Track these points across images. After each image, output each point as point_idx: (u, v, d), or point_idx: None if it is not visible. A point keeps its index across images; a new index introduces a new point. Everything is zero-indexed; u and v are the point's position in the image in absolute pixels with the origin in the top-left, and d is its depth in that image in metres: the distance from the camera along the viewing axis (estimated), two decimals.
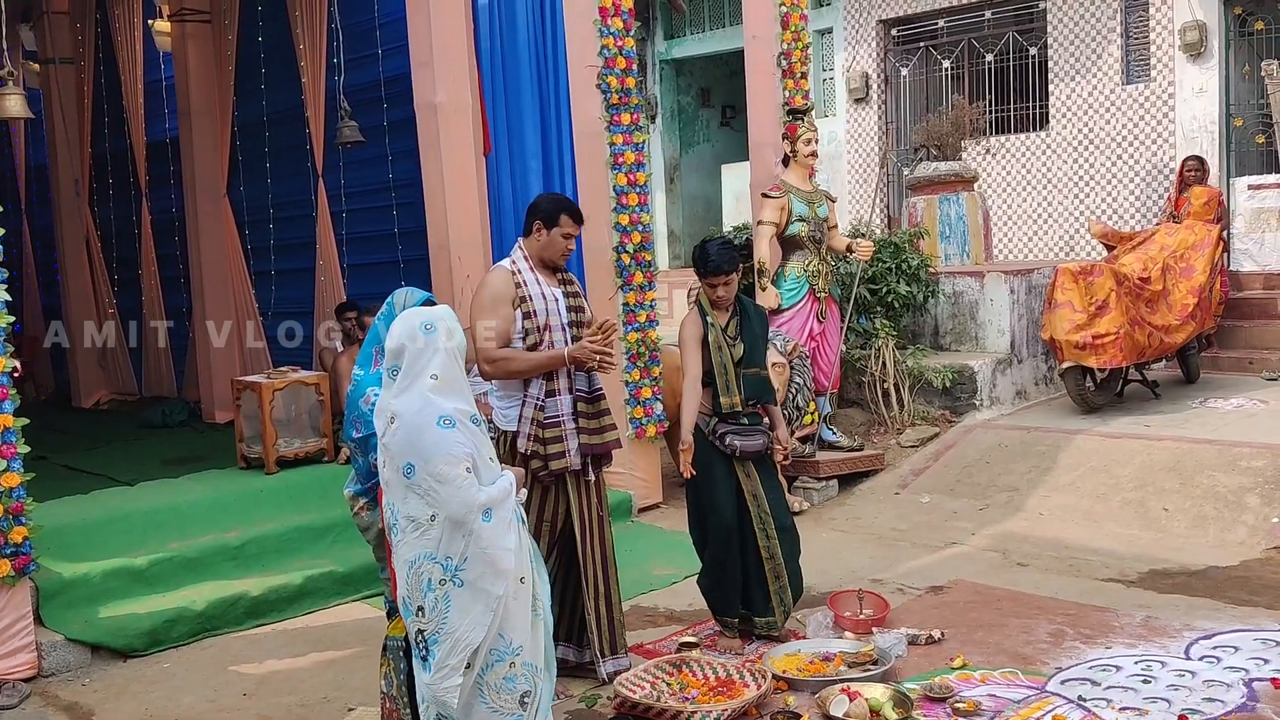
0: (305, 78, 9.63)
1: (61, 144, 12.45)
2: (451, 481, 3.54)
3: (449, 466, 3.54)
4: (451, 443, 3.57)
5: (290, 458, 7.45)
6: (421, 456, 3.55)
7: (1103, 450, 8.02)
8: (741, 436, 5.39)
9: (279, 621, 6.24)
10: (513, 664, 3.64)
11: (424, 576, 3.58)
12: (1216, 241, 9.65)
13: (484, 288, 4.97)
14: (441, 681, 3.57)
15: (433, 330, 3.69)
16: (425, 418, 3.58)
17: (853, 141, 15.00)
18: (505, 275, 4.96)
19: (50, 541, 5.96)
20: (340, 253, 9.74)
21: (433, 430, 3.57)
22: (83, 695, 5.40)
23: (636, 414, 7.91)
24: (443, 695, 3.58)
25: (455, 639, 3.55)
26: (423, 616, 3.60)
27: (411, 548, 3.61)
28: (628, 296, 7.85)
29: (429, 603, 3.57)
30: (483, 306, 4.90)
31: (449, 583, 3.56)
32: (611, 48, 7.75)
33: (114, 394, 12.68)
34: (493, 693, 3.61)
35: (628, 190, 7.82)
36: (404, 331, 3.72)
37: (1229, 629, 5.33)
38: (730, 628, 5.50)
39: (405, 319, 3.77)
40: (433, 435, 3.56)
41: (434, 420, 3.58)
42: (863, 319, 9.31)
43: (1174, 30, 12.14)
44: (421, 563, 3.59)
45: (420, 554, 3.59)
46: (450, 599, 3.55)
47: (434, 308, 3.93)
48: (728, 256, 5.37)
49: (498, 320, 4.86)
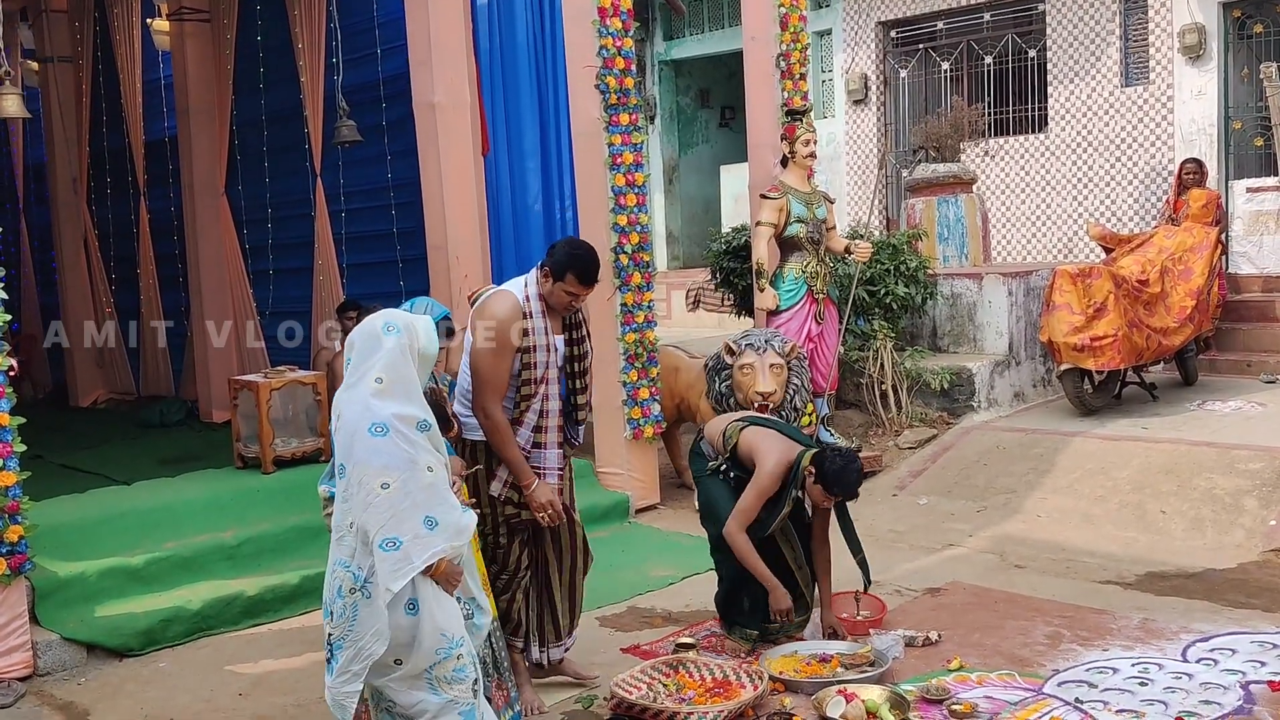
0: (304, 77, 9.63)
1: (60, 142, 12.44)
2: (368, 494, 3.53)
3: (368, 478, 3.54)
4: (375, 452, 3.55)
5: (287, 457, 7.44)
6: (350, 460, 3.58)
7: (1100, 452, 8.02)
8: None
9: (275, 621, 6.23)
10: (459, 656, 3.68)
11: (337, 582, 3.62)
12: (1215, 244, 9.65)
13: (493, 323, 4.57)
14: (342, 686, 3.61)
15: (392, 332, 3.67)
16: (360, 423, 3.58)
17: (851, 143, 15.01)
18: (516, 314, 4.60)
19: (46, 540, 5.94)
20: (338, 252, 9.73)
21: (363, 437, 3.57)
22: (78, 694, 5.39)
23: (634, 415, 7.91)
24: (342, 699, 3.62)
25: (359, 647, 3.57)
26: (332, 621, 3.64)
27: (334, 551, 3.66)
28: (625, 297, 7.84)
29: (338, 609, 3.61)
30: (489, 350, 4.57)
31: (358, 592, 3.58)
32: (610, 48, 7.75)
33: (111, 393, 12.67)
34: (443, 684, 3.66)
35: (626, 191, 7.82)
36: (364, 329, 3.72)
37: (1226, 631, 5.32)
38: (748, 639, 5.39)
39: (373, 318, 3.75)
40: (362, 442, 3.57)
41: (366, 427, 3.57)
42: (861, 320, 9.31)
43: (1173, 33, 12.15)
44: (337, 569, 3.63)
45: (337, 560, 3.63)
46: (358, 608, 3.57)
47: (410, 314, 3.89)
48: (854, 483, 5.14)
49: (500, 369, 4.59)
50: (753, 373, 7.26)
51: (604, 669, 5.16)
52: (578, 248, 4.67)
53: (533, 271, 4.71)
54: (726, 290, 10.41)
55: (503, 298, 4.66)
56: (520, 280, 4.72)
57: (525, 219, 8.93)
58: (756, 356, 7.30)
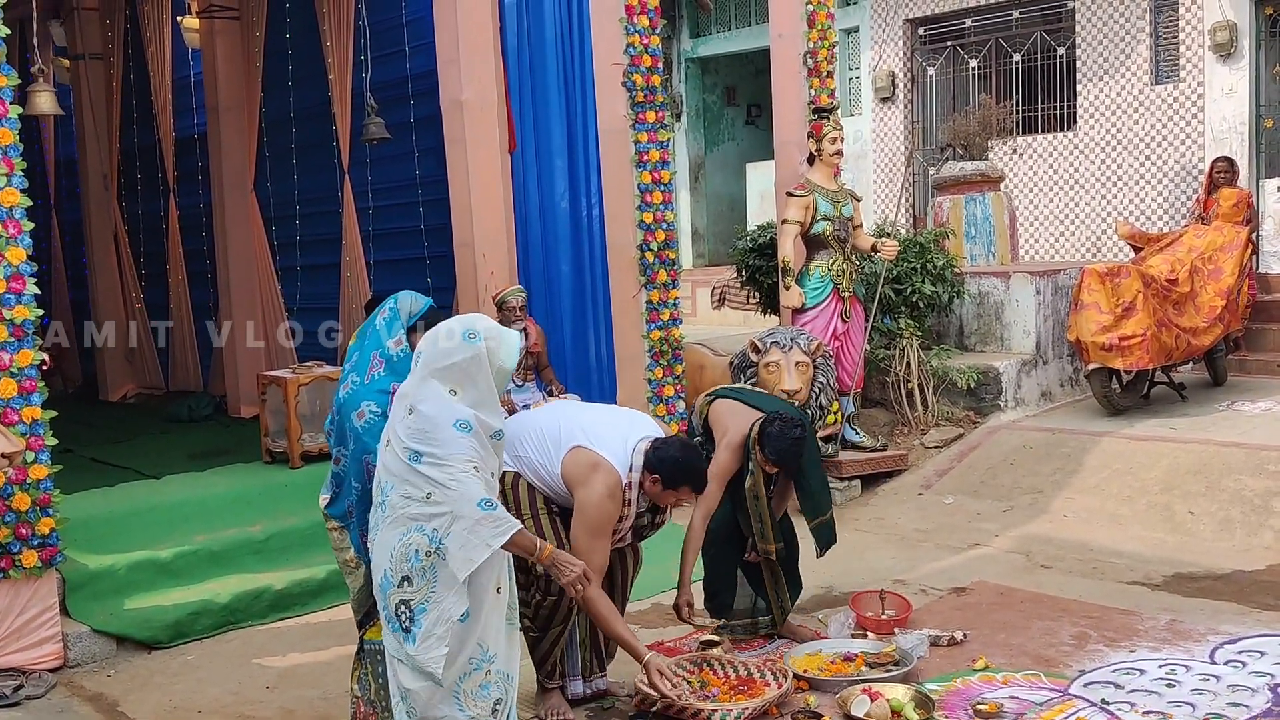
0: (332, 74, 9.67)
1: (91, 139, 12.54)
2: (459, 471, 3.60)
3: (456, 460, 3.60)
4: (460, 443, 3.63)
5: (315, 452, 7.48)
6: (432, 444, 3.62)
7: (1128, 453, 7.97)
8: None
9: (302, 615, 6.27)
10: (488, 672, 3.69)
11: (410, 549, 3.64)
12: (1245, 243, 9.57)
13: (604, 504, 4.44)
14: (426, 652, 3.60)
15: (475, 340, 3.73)
16: (444, 416, 3.63)
17: (878, 140, 14.96)
18: (618, 502, 4.50)
19: (77, 533, 6.01)
20: (366, 248, 9.77)
21: (448, 429, 3.62)
22: (108, 686, 5.44)
23: (659, 412, 7.92)
24: (427, 665, 3.60)
25: (441, 608, 3.59)
26: (409, 586, 3.64)
27: (398, 524, 3.66)
28: (651, 295, 7.86)
29: (416, 573, 3.62)
30: (598, 526, 4.45)
31: (435, 555, 3.61)
32: (637, 45, 7.76)
33: (141, 388, 12.76)
34: (468, 699, 3.66)
35: (652, 188, 7.83)
36: (443, 333, 3.77)
37: (1255, 633, 5.29)
38: (727, 629, 5.48)
39: (451, 322, 3.81)
40: (446, 433, 3.62)
41: (451, 421, 3.62)
42: (887, 319, 9.28)
43: (1204, 30, 12.05)
44: (411, 534, 3.64)
45: (411, 527, 3.64)
46: (437, 570, 3.61)
47: (475, 316, 3.92)
48: (793, 453, 5.10)
49: (603, 551, 4.50)
50: (778, 370, 7.19)
51: (628, 665, 5.16)
52: (687, 459, 4.52)
53: (632, 455, 4.50)
54: (752, 288, 10.40)
55: (614, 486, 4.47)
56: (624, 458, 4.50)
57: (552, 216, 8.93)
58: (782, 354, 7.24)
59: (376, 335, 4.36)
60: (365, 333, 4.43)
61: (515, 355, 3.82)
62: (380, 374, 4.26)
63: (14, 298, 5.49)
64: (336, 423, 4.38)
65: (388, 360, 4.29)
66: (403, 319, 4.41)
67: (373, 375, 4.27)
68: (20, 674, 5.42)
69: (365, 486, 4.20)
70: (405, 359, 4.25)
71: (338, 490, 4.41)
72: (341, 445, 4.34)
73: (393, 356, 4.30)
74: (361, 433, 4.18)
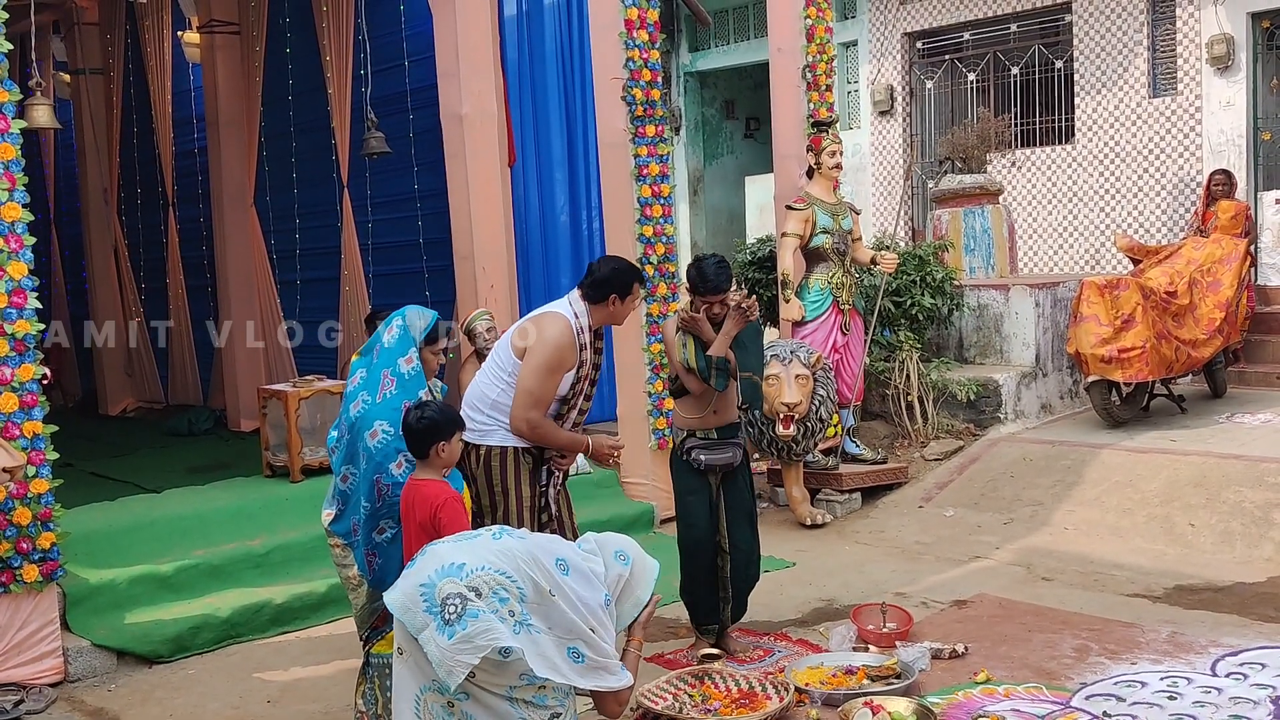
0: (332, 88, 9.71)
1: (91, 153, 12.57)
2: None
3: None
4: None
5: (315, 466, 7.48)
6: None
7: (1128, 465, 7.97)
8: (708, 451, 5.38)
9: (303, 629, 6.26)
10: (542, 687, 3.58)
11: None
12: (1244, 256, 9.59)
13: (553, 348, 4.74)
14: (456, 654, 3.40)
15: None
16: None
17: (877, 154, 14.98)
18: (571, 342, 4.81)
19: (77, 548, 6.01)
20: (365, 261, 9.80)
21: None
22: (108, 701, 5.43)
23: (659, 425, 7.92)
24: (453, 666, 3.40)
25: (493, 633, 3.43)
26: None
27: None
28: (651, 308, 7.86)
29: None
30: (547, 368, 4.74)
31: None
32: (637, 60, 7.78)
33: (140, 401, 12.77)
34: (525, 706, 3.55)
35: (652, 202, 7.84)
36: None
37: (1256, 645, 5.29)
38: (708, 633, 5.54)
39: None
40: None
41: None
42: (887, 331, 9.29)
43: (1201, 43, 12.08)
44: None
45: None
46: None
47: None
48: (725, 275, 5.32)
49: (552, 387, 4.79)
50: (778, 384, 7.26)
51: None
52: (621, 264, 5.06)
53: (575, 305, 4.89)
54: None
55: (555, 321, 4.83)
56: (565, 303, 4.91)
57: (552, 229, 8.97)
58: (782, 367, 7.31)
59: (387, 353, 4.33)
60: (372, 349, 4.41)
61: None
62: (392, 392, 4.24)
63: (15, 312, 5.49)
64: (346, 441, 4.34)
65: (399, 378, 4.27)
66: (414, 336, 4.40)
67: (384, 394, 4.24)
68: (21, 689, 5.41)
69: (374, 506, 4.19)
70: (417, 377, 4.25)
71: (343, 508, 4.40)
72: (351, 464, 4.31)
73: (404, 375, 4.28)
74: (374, 452, 4.16)
